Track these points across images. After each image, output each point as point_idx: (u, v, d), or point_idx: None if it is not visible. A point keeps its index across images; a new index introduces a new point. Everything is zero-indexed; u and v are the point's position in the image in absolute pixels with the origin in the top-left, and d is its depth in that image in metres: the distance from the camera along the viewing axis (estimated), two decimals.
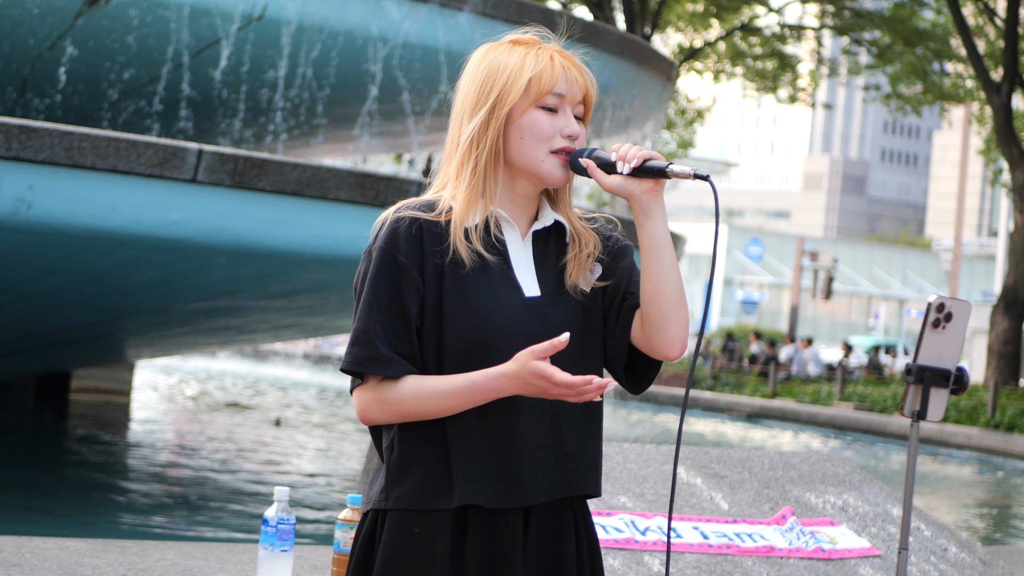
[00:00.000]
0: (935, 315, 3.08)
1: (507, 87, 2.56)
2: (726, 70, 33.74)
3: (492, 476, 2.51)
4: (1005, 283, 26.89)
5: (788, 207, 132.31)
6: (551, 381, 2.41)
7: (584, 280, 2.61)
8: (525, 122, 2.57)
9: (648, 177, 2.54)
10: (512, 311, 2.54)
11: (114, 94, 12.54)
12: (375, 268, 2.54)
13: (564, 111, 2.59)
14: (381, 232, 2.56)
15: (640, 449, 6.06)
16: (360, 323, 2.53)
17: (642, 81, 14.83)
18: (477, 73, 2.60)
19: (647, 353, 2.60)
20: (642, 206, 2.55)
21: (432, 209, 2.58)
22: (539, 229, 2.63)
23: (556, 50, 2.61)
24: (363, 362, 2.51)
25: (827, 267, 43.00)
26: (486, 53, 2.62)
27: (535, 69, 2.56)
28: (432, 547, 2.52)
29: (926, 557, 5.85)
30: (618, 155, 2.54)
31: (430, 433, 2.54)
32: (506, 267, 2.57)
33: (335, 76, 12.23)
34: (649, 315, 2.56)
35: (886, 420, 23.42)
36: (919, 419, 3.12)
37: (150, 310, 11.25)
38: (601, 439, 2.65)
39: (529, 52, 2.59)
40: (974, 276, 71.47)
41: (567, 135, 2.58)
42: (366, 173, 9.88)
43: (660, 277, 2.54)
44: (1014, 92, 26.57)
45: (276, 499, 4.49)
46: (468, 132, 2.57)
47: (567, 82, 2.58)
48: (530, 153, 2.57)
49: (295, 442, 15.08)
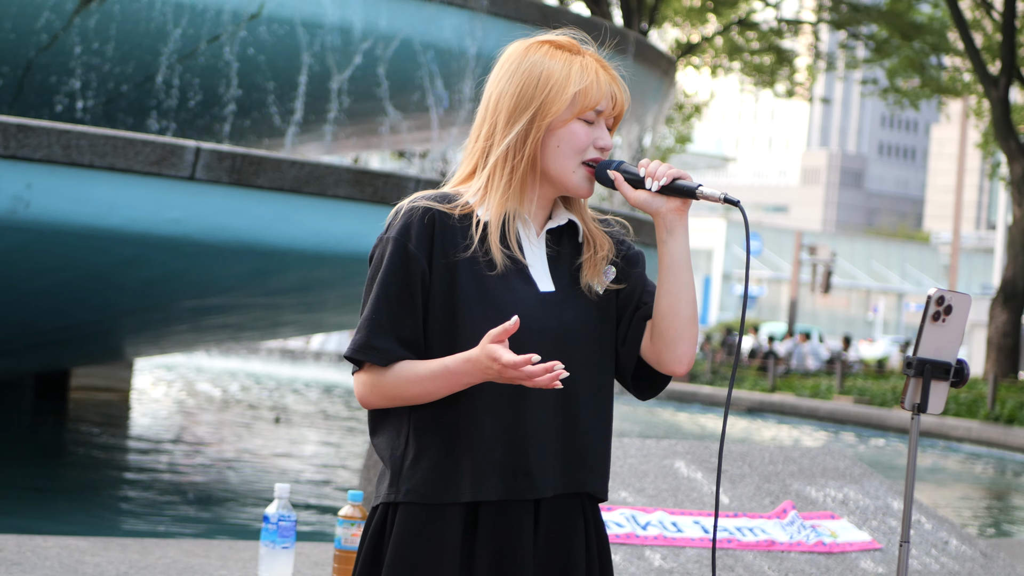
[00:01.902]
0: (935, 308, 3.08)
1: (551, 97, 2.56)
2: (723, 65, 33.72)
3: (502, 468, 2.53)
4: (1004, 276, 26.90)
5: (786, 201, 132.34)
6: (500, 363, 2.42)
7: (598, 281, 2.62)
8: (564, 133, 2.57)
9: (676, 196, 2.56)
10: (527, 305, 2.55)
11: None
12: (386, 257, 2.56)
13: (599, 123, 2.60)
14: (395, 221, 2.58)
15: (641, 444, 6.06)
16: (365, 311, 2.57)
17: (643, 77, 14.82)
18: (517, 75, 2.58)
19: (654, 367, 2.63)
20: (667, 224, 2.57)
21: (449, 201, 2.59)
22: (553, 228, 2.64)
23: (598, 62, 2.61)
24: (360, 349, 2.55)
25: (826, 261, 43.03)
26: (525, 54, 2.60)
27: (581, 83, 2.56)
28: (443, 540, 2.53)
29: (927, 550, 5.85)
30: (647, 171, 2.56)
31: (441, 426, 2.56)
32: (522, 264, 2.59)
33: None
34: (661, 331, 2.59)
35: (886, 413, 23.43)
36: (919, 412, 3.12)
37: (149, 308, 11.25)
38: (610, 440, 2.66)
39: (573, 62, 2.58)
40: (973, 269, 71.47)
41: (600, 147, 2.59)
42: (364, 170, 9.88)
43: (677, 295, 2.57)
44: (1012, 85, 26.56)
45: (277, 496, 4.49)
46: (507, 139, 2.57)
47: (609, 99, 2.59)
48: (564, 163, 2.58)
49: (295, 439, 15.07)
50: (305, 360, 35.77)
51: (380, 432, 2.63)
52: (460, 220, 2.58)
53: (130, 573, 5.25)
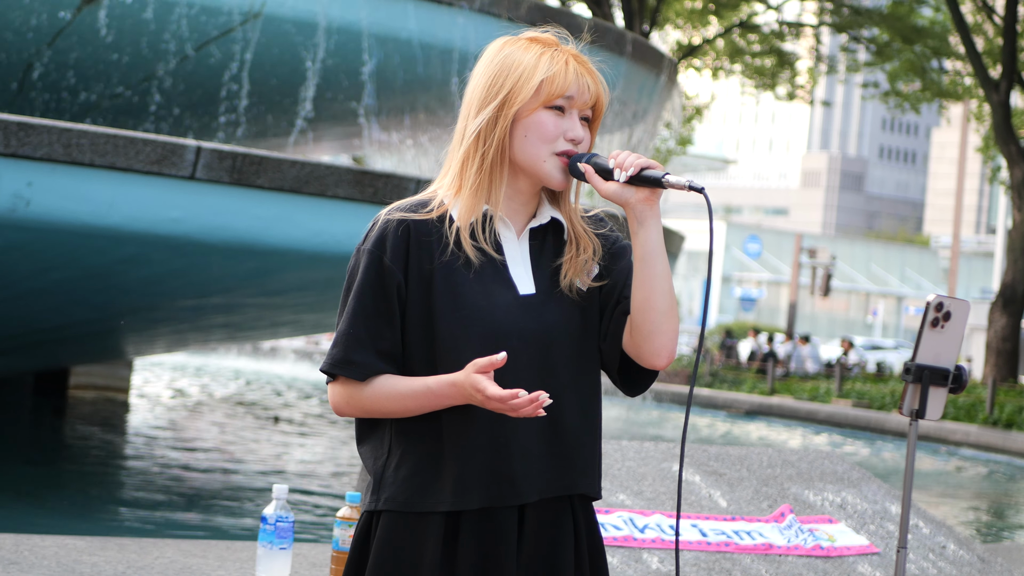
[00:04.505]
0: (934, 314, 3.08)
1: (518, 85, 2.55)
2: (725, 67, 33.73)
3: (484, 475, 2.51)
4: (1003, 280, 26.90)
5: (786, 204, 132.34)
6: (484, 394, 2.42)
7: (581, 280, 2.60)
8: (531, 121, 2.56)
9: (644, 186, 2.53)
10: (505, 309, 2.53)
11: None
12: (361, 269, 2.56)
13: (571, 114, 2.58)
14: (371, 233, 2.57)
15: (639, 447, 6.06)
16: (342, 324, 2.56)
17: (641, 78, 14.82)
18: (490, 67, 2.59)
19: (635, 360, 2.60)
20: (636, 214, 2.54)
21: (424, 207, 2.58)
22: (536, 226, 2.62)
23: (572, 53, 2.60)
24: (338, 364, 2.55)
25: (825, 264, 43.02)
26: (502, 47, 2.61)
27: (548, 71, 2.56)
28: (423, 548, 2.52)
29: (924, 555, 5.86)
30: (616, 162, 2.54)
31: (423, 433, 2.54)
32: (501, 265, 2.56)
33: None
34: (638, 324, 2.55)
35: (884, 417, 23.43)
36: (918, 418, 3.12)
37: (148, 307, 11.25)
38: (600, 437, 2.64)
39: (545, 53, 2.58)
40: (972, 273, 71.47)
41: (570, 138, 2.57)
42: (364, 170, 9.89)
43: (651, 287, 2.54)
44: (1012, 89, 26.58)
45: (275, 497, 4.50)
46: (475, 126, 2.56)
47: (578, 87, 2.57)
48: (533, 152, 2.56)
49: (295, 439, 15.07)
50: (313, 359, 35.74)
51: (366, 441, 2.62)
52: (438, 223, 2.56)
53: (128, 573, 5.24)
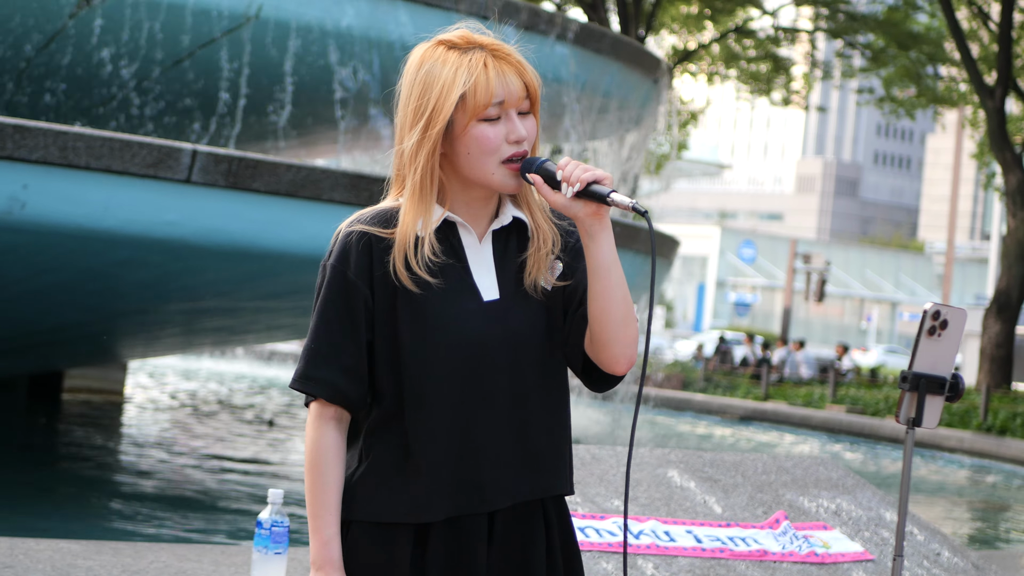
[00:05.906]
0: (931, 323, 3.09)
1: (439, 104, 2.47)
2: (720, 72, 33.76)
3: (451, 485, 2.50)
4: (997, 287, 26.92)
5: (781, 209, 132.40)
6: None
7: (544, 279, 2.57)
8: (470, 138, 2.48)
9: (591, 201, 2.48)
10: (468, 317, 2.50)
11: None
12: (324, 285, 2.53)
13: (507, 115, 2.50)
14: (334, 248, 2.54)
15: (634, 453, 6.06)
16: (307, 340, 2.54)
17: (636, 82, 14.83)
18: (415, 85, 2.51)
19: (596, 365, 2.58)
20: (586, 228, 2.49)
21: (386, 218, 2.54)
22: (498, 228, 2.58)
23: (490, 49, 2.50)
24: (300, 379, 2.54)
25: (820, 269, 43.01)
26: (421, 60, 2.52)
27: (467, 83, 2.46)
28: (392, 558, 2.51)
29: (919, 562, 5.86)
30: (563, 175, 2.47)
31: (392, 442, 2.53)
32: (464, 272, 2.53)
33: None
34: (595, 333, 2.53)
35: (878, 423, 23.43)
36: (914, 427, 3.12)
37: (143, 310, 11.24)
38: (570, 433, 2.62)
39: (461, 61, 2.48)
40: (967, 279, 71.58)
41: (513, 140, 2.50)
42: (360, 174, 9.88)
43: (606, 299, 2.50)
44: (1007, 96, 26.60)
45: (270, 501, 4.49)
46: (408, 149, 2.50)
47: (504, 87, 2.48)
48: (480, 167, 2.50)
49: (289, 443, 15.06)
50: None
51: (348, 449, 2.60)
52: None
53: None
